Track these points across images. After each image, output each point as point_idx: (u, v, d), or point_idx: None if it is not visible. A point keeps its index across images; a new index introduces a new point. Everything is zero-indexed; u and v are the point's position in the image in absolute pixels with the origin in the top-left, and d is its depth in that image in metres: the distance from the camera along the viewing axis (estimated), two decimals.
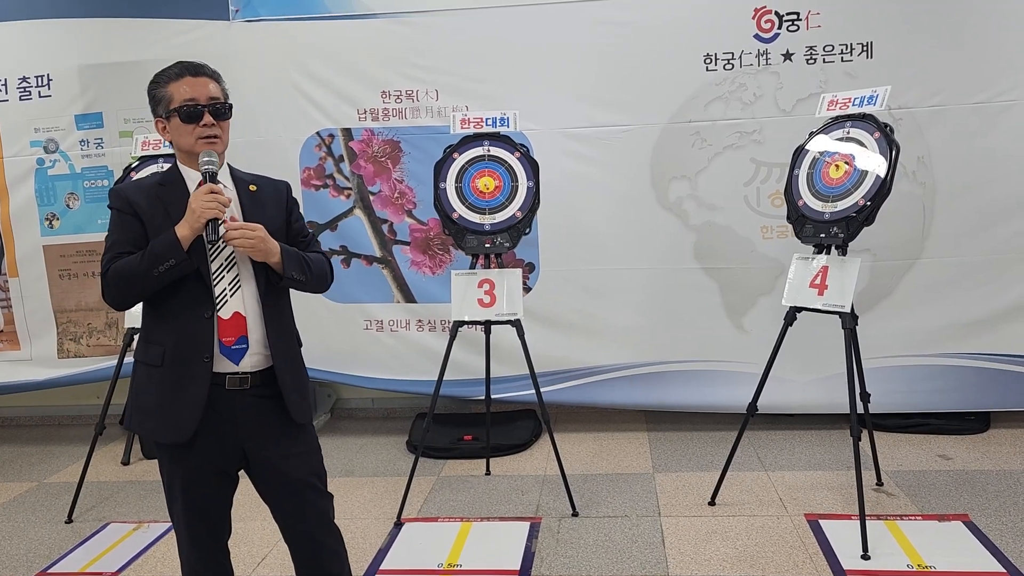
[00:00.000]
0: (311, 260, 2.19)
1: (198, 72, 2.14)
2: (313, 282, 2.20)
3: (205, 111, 2.10)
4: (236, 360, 2.07)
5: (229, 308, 2.07)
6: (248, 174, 2.27)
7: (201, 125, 2.09)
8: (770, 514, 3.42)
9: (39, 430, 5.33)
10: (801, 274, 3.36)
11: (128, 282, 2.02)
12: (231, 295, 2.08)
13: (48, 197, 4.77)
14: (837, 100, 3.41)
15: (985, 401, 4.28)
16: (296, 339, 2.23)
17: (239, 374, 2.08)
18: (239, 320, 2.07)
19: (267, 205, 2.20)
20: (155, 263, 1.99)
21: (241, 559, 3.25)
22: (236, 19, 4.58)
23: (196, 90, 2.10)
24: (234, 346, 2.07)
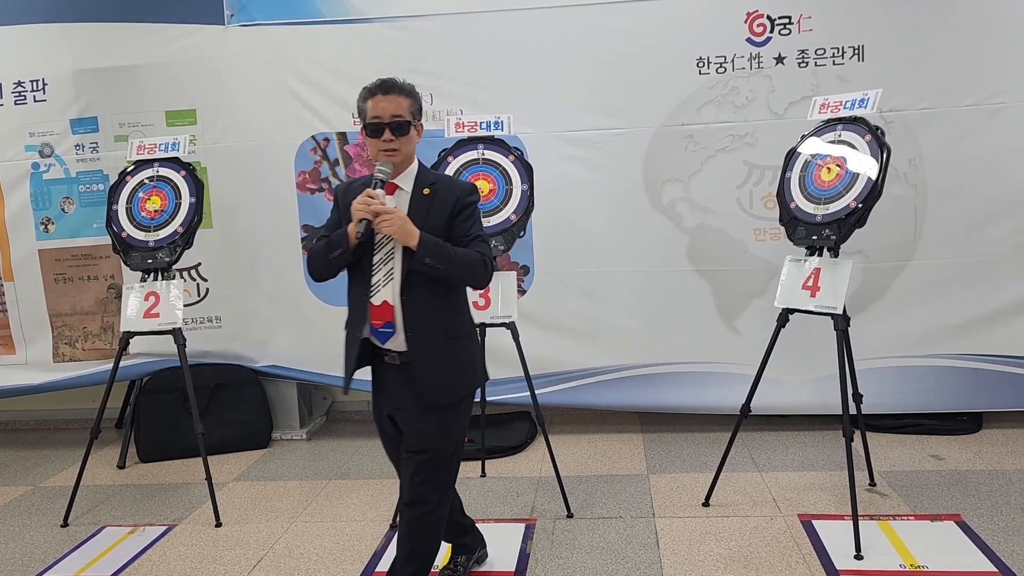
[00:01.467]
0: (456, 253, 2.40)
1: (388, 91, 2.45)
2: (454, 272, 2.41)
3: (386, 128, 2.41)
4: (382, 341, 2.46)
5: (380, 296, 2.44)
6: (435, 176, 2.56)
7: (382, 140, 2.42)
8: (764, 515, 3.44)
9: (35, 434, 5.32)
10: (794, 276, 3.38)
11: (314, 261, 2.49)
12: (384, 286, 2.44)
13: (43, 201, 4.77)
14: (828, 103, 3.44)
15: (977, 402, 4.30)
16: (449, 330, 2.49)
17: (391, 351, 2.46)
18: (387, 308, 2.43)
19: (434, 205, 2.46)
20: (330, 250, 2.43)
21: (237, 561, 3.26)
22: (231, 24, 4.59)
23: (381, 108, 2.42)
24: (381, 329, 2.44)
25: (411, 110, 2.46)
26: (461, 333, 2.53)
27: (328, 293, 4.71)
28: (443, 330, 2.46)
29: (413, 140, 2.48)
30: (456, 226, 2.46)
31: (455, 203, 2.46)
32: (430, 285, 2.41)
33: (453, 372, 2.50)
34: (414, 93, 2.51)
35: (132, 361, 4.67)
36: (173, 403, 4.62)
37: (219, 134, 4.67)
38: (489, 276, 2.47)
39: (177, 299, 3.82)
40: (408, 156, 2.48)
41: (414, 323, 2.41)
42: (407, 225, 2.35)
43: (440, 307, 2.46)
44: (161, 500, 4.00)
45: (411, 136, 2.46)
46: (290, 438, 4.89)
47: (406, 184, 2.49)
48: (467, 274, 2.44)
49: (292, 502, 3.88)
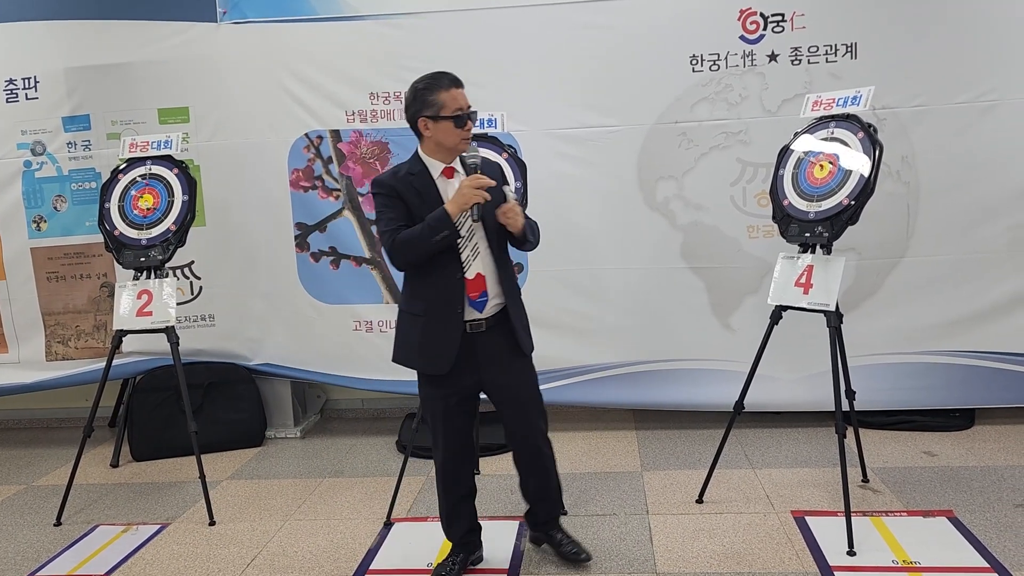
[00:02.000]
0: (534, 228, 2.81)
1: (460, 84, 2.70)
2: (534, 243, 2.82)
3: (469, 119, 2.66)
4: (481, 310, 2.71)
5: (473, 270, 2.68)
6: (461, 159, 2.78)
7: (465, 129, 2.65)
8: (757, 511, 3.45)
9: (27, 433, 5.31)
10: (786, 273, 3.39)
11: (412, 248, 2.61)
12: (473, 260, 2.68)
13: (35, 199, 4.75)
14: (821, 100, 3.44)
15: (969, 398, 4.32)
16: (517, 288, 2.83)
17: (478, 320, 2.71)
18: (479, 279, 2.69)
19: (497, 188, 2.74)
20: (433, 233, 2.57)
21: (230, 560, 3.26)
22: (224, 21, 4.58)
23: (462, 100, 2.66)
24: (478, 299, 2.69)
25: None
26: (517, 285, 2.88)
27: (322, 291, 4.71)
28: (517, 289, 2.83)
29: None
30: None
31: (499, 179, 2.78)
32: (503, 252, 2.76)
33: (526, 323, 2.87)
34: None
35: (125, 360, 4.66)
36: (166, 402, 4.61)
37: (212, 132, 4.66)
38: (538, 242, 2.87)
39: (170, 297, 3.81)
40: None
41: (507, 286, 2.75)
42: (519, 213, 2.70)
43: (511, 270, 2.83)
44: (154, 499, 3.99)
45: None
46: (284, 436, 4.89)
47: (460, 167, 2.73)
48: (536, 239, 2.83)
49: (286, 500, 3.87)
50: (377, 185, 2.69)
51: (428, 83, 2.66)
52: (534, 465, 2.92)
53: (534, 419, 2.86)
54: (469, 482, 2.98)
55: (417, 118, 2.66)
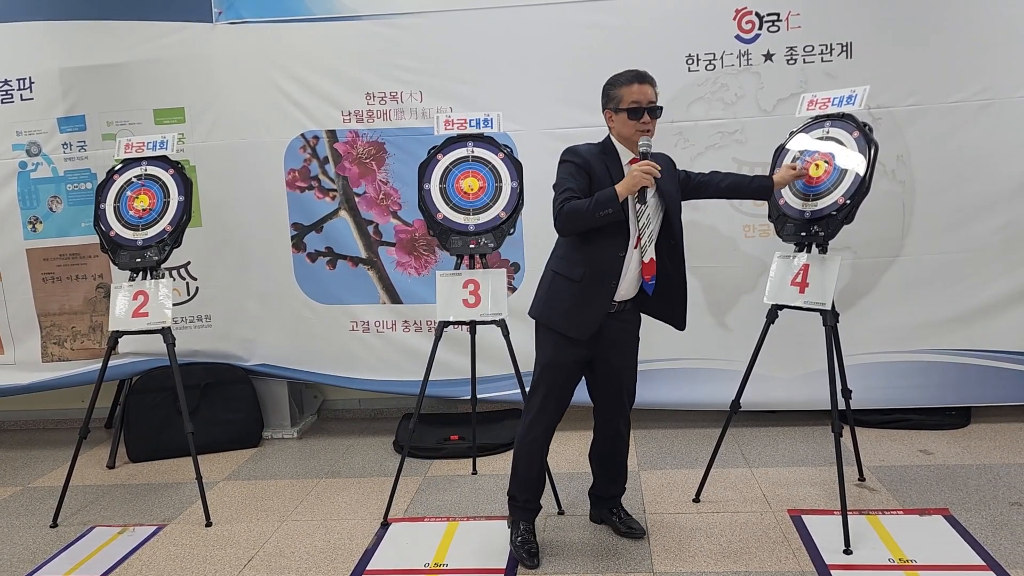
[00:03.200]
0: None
1: (643, 80, 2.87)
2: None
3: (645, 112, 2.83)
4: (649, 291, 2.96)
5: (649, 254, 2.91)
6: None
7: (640, 121, 2.83)
8: (754, 510, 3.45)
9: (23, 434, 5.30)
10: (782, 272, 3.40)
11: (576, 217, 2.77)
12: (649, 245, 2.90)
13: (31, 200, 4.74)
14: (817, 100, 3.45)
15: (965, 396, 4.33)
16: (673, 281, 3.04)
17: (622, 301, 2.95)
18: (652, 263, 2.92)
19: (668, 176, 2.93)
20: (599, 209, 2.73)
21: (227, 561, 3.25)
22: (219, 21, 4.57)
23: (640, 95, 2.84)
24: (650, 281, 2.94)
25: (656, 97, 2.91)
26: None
27: (319, 291, 4.71)
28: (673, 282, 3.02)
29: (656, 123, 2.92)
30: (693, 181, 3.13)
31: (673, 170, 3.05)
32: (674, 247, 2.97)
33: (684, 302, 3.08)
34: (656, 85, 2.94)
35: (121, 360, 4.65)
36: (163, 402, 4.60)
37: (208, 132, 4.65)
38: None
39: (166, 298, 3.81)
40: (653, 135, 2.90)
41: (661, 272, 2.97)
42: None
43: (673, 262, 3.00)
44: (151, 500, 3.99)
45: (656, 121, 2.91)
46: (281, 437, 4.89)
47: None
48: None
49: (283, 501, 3.87)
50: (571, 153, 2.88)
51: (614, 78, 2.91)
52: (610, 445, 3.15)
53: (625, 404, 3.11)
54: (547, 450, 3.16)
55: (604, 110, 2.94)
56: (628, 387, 3.11)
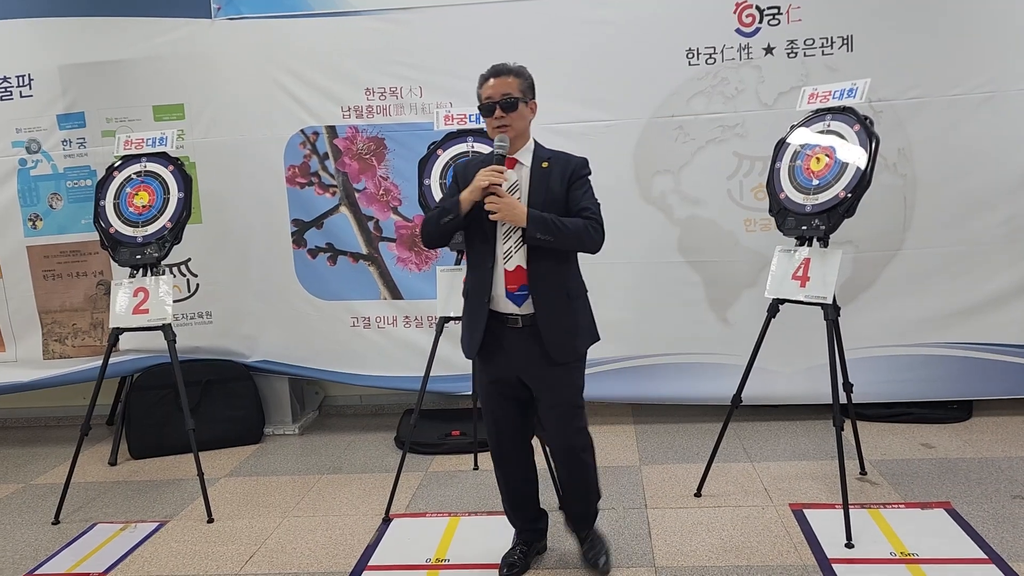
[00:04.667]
0: (565, 224, 2.59)
1: (498, 74, 2.68)
2: (565, 242, 2.61)
3: (497, 107, 2.63)
4: (519, 304, 2.66)
5: (514, 262, 2.64)
6: (550, 152, 2.73)
7: (493, 117, 2.64)
8: (755, 504, 3.45)
9: (25, 431, 5.30)
10: (783, 266, 3.39)
11: (426, 226, 2.71)
12: (516, 252, 2.64)
13: (31, 198, 4.74)
14: (817, 93, 3.44)
15: (967, 390, 4.33)
16: (571, 292, 2.71)
17: (514, 315, 2.66)
18: (520, 272, 2.64)
19: (552, 178, 2.67)
20: (442, 215, 2.66)
21: (229, 557, 3.26)
22: (218, 17, 4.56)
23: (491, 90, 2.66)
24: (516, 292, 2.65)
25: (521, 88, 2.66)
26: (580, 293, 2.75)
27: (319, 287, 4.70)
28: (565, 291, 2.69)
29: (525, 117, 2.68)
30: (570, 196, 2.66)
31: (571, 175, 2.68)
32: (553, 249, 2.62)
33: (573, 330, 2.71)
34: (523, 73, 2.71)
35: (122, 357, 4.65)
36: (164, 399, 4.60)
37: (207, 128, 4.64)
38: (599, 239, 2.65)
39: (166, 295, 3.81)
40: (522, 133, 2.68)
41: (539, 286, 2.64)
42: (515, 208, 2.57)
43: (562, 270, 2.69)
44: (153, 496, 3.99)
45: (522, 113, 2.66)
46: (282, 433, 4.89)
47: (526, 159, 2.69)
48: (577, 242, 2.64)
49: (284, 497, 3.87)
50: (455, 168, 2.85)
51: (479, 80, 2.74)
52: (564, 469, 2.89)
53: (566, 429, 2.77)
54: (525, 468, 2.93)
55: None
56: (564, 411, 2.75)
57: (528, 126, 2.72)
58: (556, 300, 2.67)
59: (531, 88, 2.73)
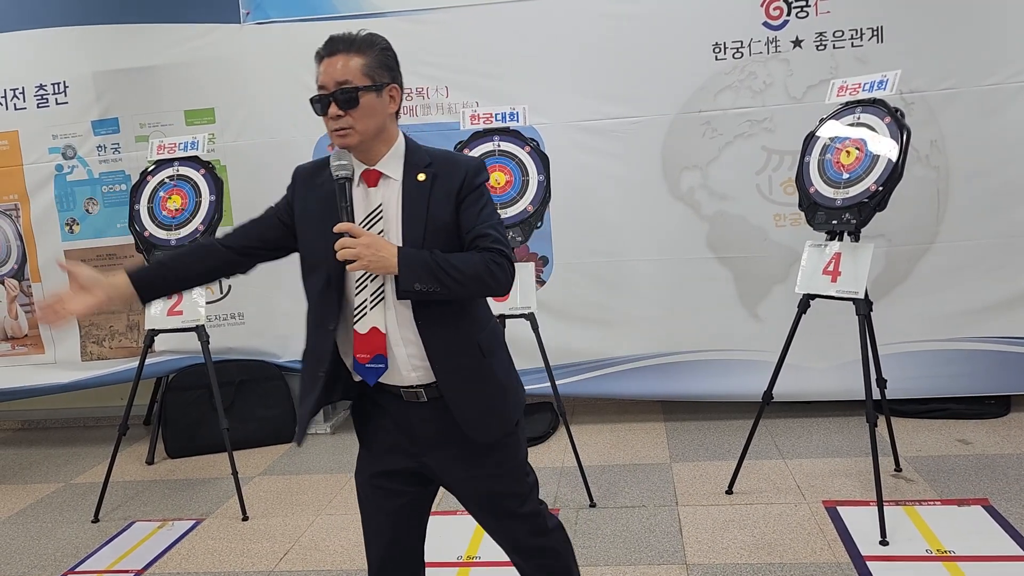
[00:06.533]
0: (452, 264, 1.76)
1: (333, 51, 1.79)
2: (458, 289, 1.77)
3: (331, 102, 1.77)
4: (371, 379, 1.86)
5: (367, 322, 1.83)
6: (431, 154, 1.88)
7: (327, 118, 1.80)
8: (788, 501, 3.42)
9: (65, 432, 5.42)
10: (814, 261, 3.36)
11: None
12: (371, 308, 1.83)
13: (68, 203, 4.84)
14: (847, 86, 3.40)
15: (1005, 385, 4.25)
16: (484, 346, 1.89)
17: (412, 387, 1.86)
18: (377, 337, 1.82)
19: (435, 193, 1.82)
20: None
21: (263, 554, 3.30)
22: (247, 22, 4.62)
23: (323, 76, 1.79)
24: (369, 364, 1.84)
25: (367, 71, 1.77)
26: (495, 347, 1.94)
27: None
28: (476, 348, 1.87)
29: (378, 112, 1.79)
30: (462, 217, 1.83)
31: (460, 187, 1.83)
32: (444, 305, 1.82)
33: (499, 396, 1.92)
34: (373, 45, 1.80)
35: (158, 359, 4.73)
36: (199, 399, 4.67)
37: (238, 132, 4.71)
38: (507, 278, 1.82)
39: (200, 296, 3.87)
40: (380, 134, 1.82)
41: (439, 348, 1.82)
42: (380, 250, 1.73)
43: (466, 320, 1.87)
44: (189, 495, 4.05)
45: (371, 107, 1.78)
46: (314, 432, 4.94)
47: (393, 171, 1.84)
48: (474, 287, 1.80)
49: (317, 495, 3.92)
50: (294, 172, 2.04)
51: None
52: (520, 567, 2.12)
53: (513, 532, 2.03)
54: None
55: None
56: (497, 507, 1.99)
57: (389, 122, 1.84)
58: (466, 363, 1.86)
59: (388, 67, 1.81)
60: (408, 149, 1.87)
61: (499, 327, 2.04)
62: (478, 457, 1.91)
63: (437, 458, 1.92)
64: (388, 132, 1.85)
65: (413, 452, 1.92)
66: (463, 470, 1.93)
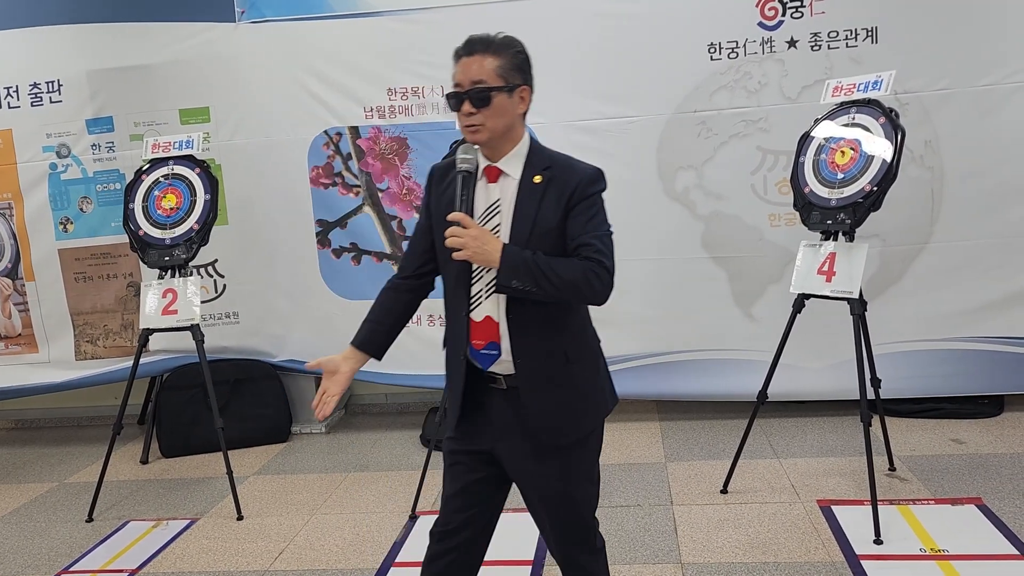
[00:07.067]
0: (551, 268, 1.82)
1: (471, 51, 1.90)
2: (553, 292, 1.83)
3: (465, 100, 1.87)
4: (485, 365, 1.95)
5: (482, 311, 1.93)
6: (552, 158, 1.98)
7: (461, 113, 1.89)
8: (782, 501, 3.43)
9: (58, 431, 5.40)
10: (809, 261, 3.37)
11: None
12: (486, 297, 1.93)
13: (62, 201, 4.82)
14: (842, 86, 3.41)
15: (998, 384, 4.27)
16: (570, 352, 1.96)
17: (498, 375, 1.95)
18: (490, 325, 1.92)
19: (547, 197, 1.90)
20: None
21: (258, 553, 3.30)
22: (242, 20, 4.61)
23: (460, 75, 1.90)
24: (483, 351, 1.93)
25: (501, 72, 1.88)
26: (583, 355, 1.99)
27: (344, 287, 4.74)
28: (562, 352, 1.94)
29: (508, 112, 1.90)
30: (569, 224, 1.89)
31: (572, 192, 1.89)
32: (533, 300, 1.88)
33: (575, 403, 1.97)
34: (509, 48, 1.92)
35: (152, 358, 4.72)
36: (193, 399, 4.66)
37: (232, 131, 4.70)
38: (604, 290, 1.87)
39: (194, 295, 3.86)
40: (507, 133, 1.92)
41: (524, 346, 1.91)
42: (486, 243, 1.83)
43: (556, 324, 1.94)
44: (183, 494, 4.05)
45: (502, 107, 1.89)
46: (309, 432, 4.93)
47: (513, 170, 1.94)
48: (570, 293, 1.86)
49: (312, 495, 3.91)
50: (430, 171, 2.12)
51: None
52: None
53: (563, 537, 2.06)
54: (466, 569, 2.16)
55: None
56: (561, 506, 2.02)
57: (517, 122, 1.95)
58: (546, 364, 1.93)
59: (521, 69, 1.94)
60: (531, 150, 1.97)
61: (595, 337, 2.08)
62: (545, 457, 1.96)
63: (507, 447, 1.98)
64: (515, 131, 1.95)
65: (489, 436, 2.00)
66: (527, 465, 1.98)
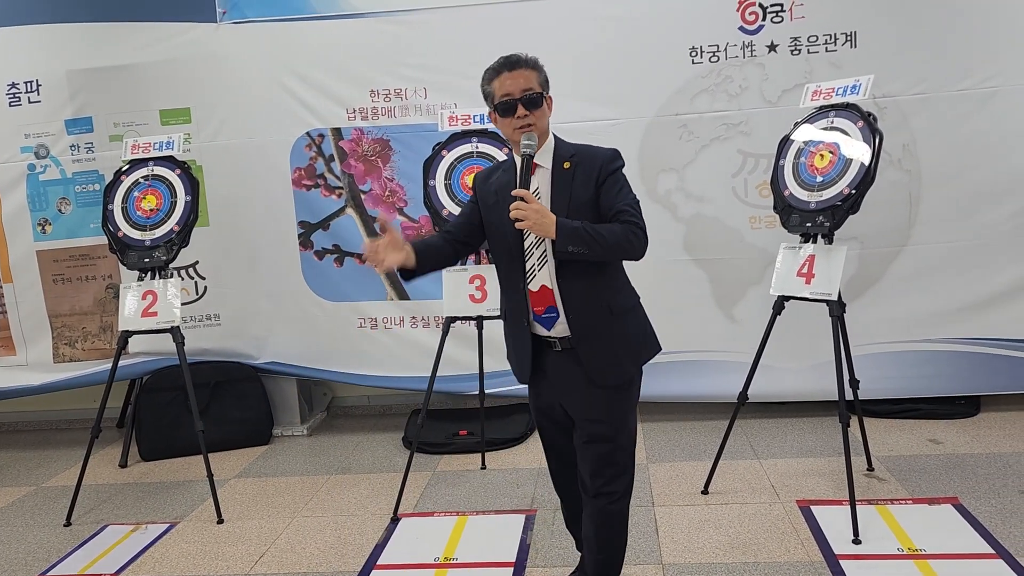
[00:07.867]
0: (600, 233, 2.22)
1: (513, 67, 2.32)
2: (601, 253, 2.24)
3: (519, 104, 2.29)
4: (548, 327, 2.36)
5: (537, 282, 2.34)
6: (574, 147, 2.38)
7: (516, 117, 2.29)
8: (762, 501, 3.45)
9: (36, 434, 5.34)
10: (788, 263, 3.39)
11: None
12: (539, 270, 2.33)
13: (40, 202, 4.78)
14: (821, 90, 3.44)
15: (975, 385, 4.32)
16: (614, 306, 2.37)
17: (551, 337, 2.36)
18: (546, 292, 2.34)
19: (577, 178, 2.32)
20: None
21: (239, 557, 3.28)
22: (224, 21, 4.59)
23: (510, 85, 2.30)
24: (544, 315, 2.35)
25: (539, 82, 2.33)
26: (626, 307, 2.42)
27: (326, 289, 4.73)
28: (607, 307, 2.35)
29: (546, 114, 2.35)
30: (602, 197, 2.30)
31: (599, 172, 2.31)
32: (585, 263, 2.28)
33: (621, 349, 2.39)
34: (540, 66, 2.37)
35: (132, 360, 4.68)
36: (173, 401, 4.63)
37: (214, 132, 4.67)
38: (642, 246, 2.29)
39: (175, 297, 3.83)
40: (544, 131, 2.35)
41: (574, 304, 2.32)
42: (544, 216, 2.20)
43: (599, 284, 2.35)
44: (163, 498, 4.02)
45: (543, 110, 2.33)
46: (291, 434, 4.91)
47: (545, 161, 2.36)
48: (616, 251, 2.28)
49: (293, 498, 3.90)
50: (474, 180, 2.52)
51: (486, 72, 2.39)
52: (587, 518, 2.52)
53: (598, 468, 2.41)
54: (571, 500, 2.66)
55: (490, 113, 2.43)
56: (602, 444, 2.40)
57: (548, 124, 2.40)
58: (595, 319, 2.34)
59: (547, 81, 2.40)
60: (557, 144, 2.39)
61: (634, 293, 2.49)
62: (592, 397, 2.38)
63: (567, 398, 2.42)
64: (547, 131, 2.37)
65: (554, 392, 2.45)
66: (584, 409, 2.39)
